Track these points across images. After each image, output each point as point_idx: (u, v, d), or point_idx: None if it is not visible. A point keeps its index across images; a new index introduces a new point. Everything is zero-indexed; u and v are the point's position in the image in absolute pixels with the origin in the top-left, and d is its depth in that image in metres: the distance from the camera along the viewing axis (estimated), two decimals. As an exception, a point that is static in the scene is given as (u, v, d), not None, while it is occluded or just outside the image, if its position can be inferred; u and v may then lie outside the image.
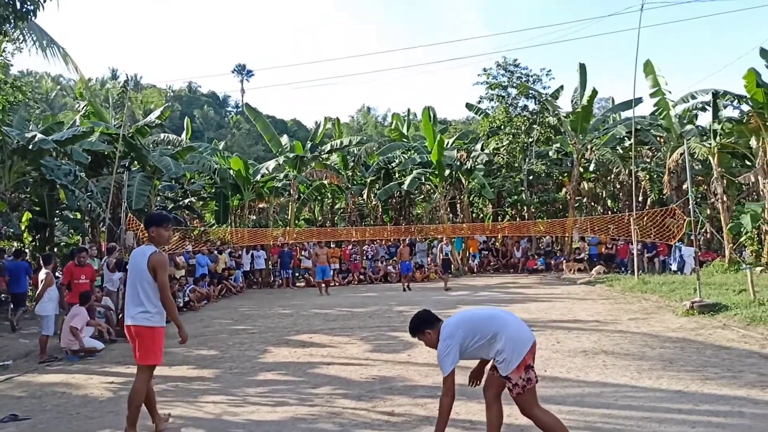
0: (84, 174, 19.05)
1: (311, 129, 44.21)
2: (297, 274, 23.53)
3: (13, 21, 9.41)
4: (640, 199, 23.67)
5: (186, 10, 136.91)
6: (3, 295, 14.19)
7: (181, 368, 8.20)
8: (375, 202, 28.45)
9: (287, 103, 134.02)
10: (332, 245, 24.55)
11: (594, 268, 20.24)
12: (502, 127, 26.25)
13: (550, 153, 27.52)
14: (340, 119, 35.95)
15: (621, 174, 24.81)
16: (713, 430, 4.87)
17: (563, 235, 25.08)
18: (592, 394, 6.01)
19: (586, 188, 27.78)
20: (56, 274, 11.20)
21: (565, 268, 21.83)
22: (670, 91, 20.75)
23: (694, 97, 21.41)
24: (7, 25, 9.70)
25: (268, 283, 23.03)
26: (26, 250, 18.29)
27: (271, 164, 25.19)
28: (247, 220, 26.52)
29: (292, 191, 25.97)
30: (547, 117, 25.71)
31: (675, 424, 5.00)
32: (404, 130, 33.13)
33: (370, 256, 24.71)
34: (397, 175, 27.80)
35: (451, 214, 27.78)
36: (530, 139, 25.88)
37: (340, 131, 32.62)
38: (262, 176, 25.27)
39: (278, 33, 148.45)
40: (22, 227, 19.49)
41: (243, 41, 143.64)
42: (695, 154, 19.58)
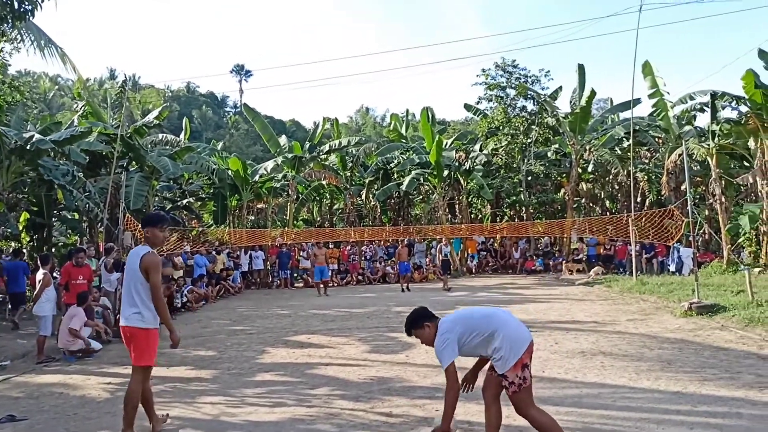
0: (82, 174, 19.01)
1: (310, 129, 44.20)
2: (295, 275, 23.50)
3: (10, 21, 9.40)
4: (639, 199, 23.68)
5: (184, 10, 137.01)
6: (1, 295, 14.17)
7: (179, 369, 8.19)
8: (373, 203, 28.45)
9: (286, 103, 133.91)
10: (331, 246, 24.55)
11: (592, 269, 20.26)
12: (501, 127, 26.24)
13: (549, 154, 27.55)
14: (339, 120, 35.95)
15: (619, 175, 24.82)
16: (711, 431, 4.87)
17: (562, 235, 25.09)
18: (590, 395, 6.01)
19: (585, 189, 27.79)
20: (54, 274, 11.18)
21: (565, 269, 21.85)
22: (669, 92, 20.83)
23: (692, 98, 21.44)
24: (5, 24, 9.70)
25: (267, 284, 23.03)
26: (24, 250, 18.27)
27: (269, 165, 25.19)
28: (246, 221, 26.51)
29: (290, 192, 25.97)
30: (546, 118, 25.72)
31: (673, 425, 5.00)
32: (403, 131, 33.15)
33: (368, 257, 24.71)
34: (395, 175, 27.81)
35: (449, 215, 27.79)
36: (529, 140, 25.88)
37: (338, 132, 32.61)
38: (261, 177, 25.27)
39: (277, 33, 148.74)
40: (19, 227, 19.46)
41: (241, 41, 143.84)
42: (694, 155, 19.60)
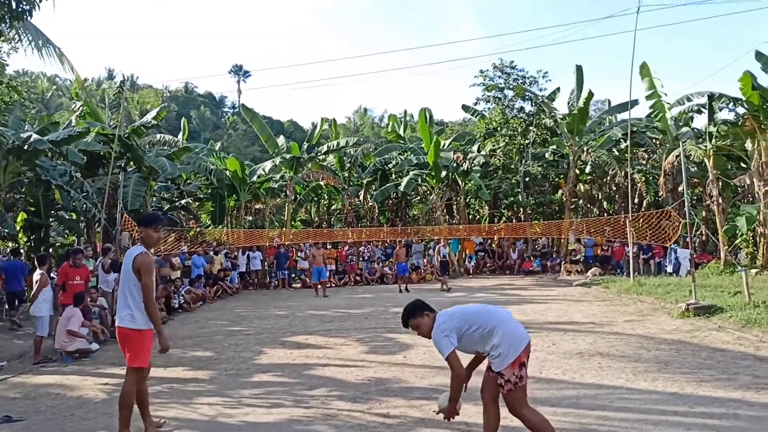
0: (79, 174, 18.98)
1: (308, 130, 44.16)
2: (293, 275, 23.51)
3: (8, 21, 9.39)
4: (636, 201, 23.70)
5: (183, 10, 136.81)
6: None
7: (176, 369, 8.17)
8: (371, 203, 28.43)
9: (284, 103, 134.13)
10: (328, 246, 24.55)
11: (590, 270, 20.29)
12: (499, 128, 26.26)
13: (547, 155, 27.58)
14: (337, 120, 36.00)
15: (617, 176, 24.85)
16: (708, 432, 4.88)
17: (559, 236, 25.11)
18: (588, 396, 6.01)
19: (582, 190, 27.83)
20: (51, 274, 11.15)
21: (563, 269, 21.87)
22: (666, 94, 20.78)
23: (689, 99, 21.47)
24: (3, 24, 9.68)
25: (264, 284, 23.01)
26: (21, 251, 18.20)
27: (267, 165, 25.15)
28: (244, 221, 26.49)
29: (288, 192, 25.95)
30: (544, 119, 25.73)
31: (670, 426, 5.00)
32: (401, 132, 33.17)
33: (366, 258, 24.71)
34: (393, 176, 27.80)
35: (447, 216, 27.80)
36: (526, 141, 25.90)
37: (336, 132, 32.61)
38: (259, 177, 25.24)
39: (275, 34, 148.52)
40: (17, 227, 19.41)
41: (240, 42, 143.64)
42: (691, 157, 19.64)
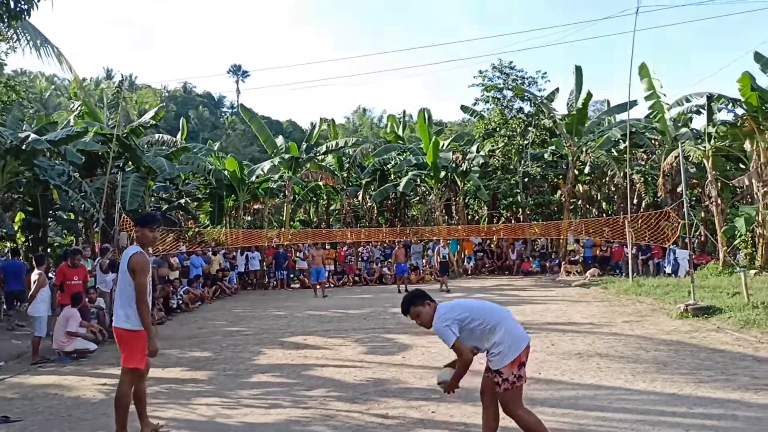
0: (78, 174, 18.94)
1: (306, 130, 44.13)
2: (292, 276, 23.50)
3: (6, 20, 9.36)
4: (635, 201, 23.71)
5: (182, 10, 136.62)
6: None
7: (174, 370, 8.16)
8: (370, 204, 28.41)
9: (283, 103, 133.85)
10: (327, 247, 24.54)
11: (588, 271, 20.29)
12: (498, 129, 26.27)
13: (546, 155, 27.58)
14: (336, 120, 35.95)
15: (616, 177, 24.84)
16: (707, 433, 4.87)
17: (558, 237, 25.12)
18: (587, 397, 6.01)
19: (581, 191, 27.83)
20: (49, 274, 11.13)
21: (563, 270, 21.87)
22: (665, 94, 20.75)
23: (688, 100, 21.46)
24: (1, 24, 9.65)
25: (263, 285, 23.00)
26: (20, 251, 18.18)
27: (266, 165, 25.14)
28: (242, 221, 26.47)
29: (287, 192, 25.93)
30: (543, 119, 25.73)
31: (669, 427, 5.00)
32: (400, 132, 33.16)
33: (365, 258, 24.70)
34: (392, 176, 27.78)
35: (446, 216, 27.79)
36: (525, 142, 25.90)
37: (335, 132, 32.56)
38: (257, 177, 25.22)
39: (274, 33, 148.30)
40: (14, 227, 19.39)
41: (239, 41, 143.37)
42: (690, 157, 19.63)
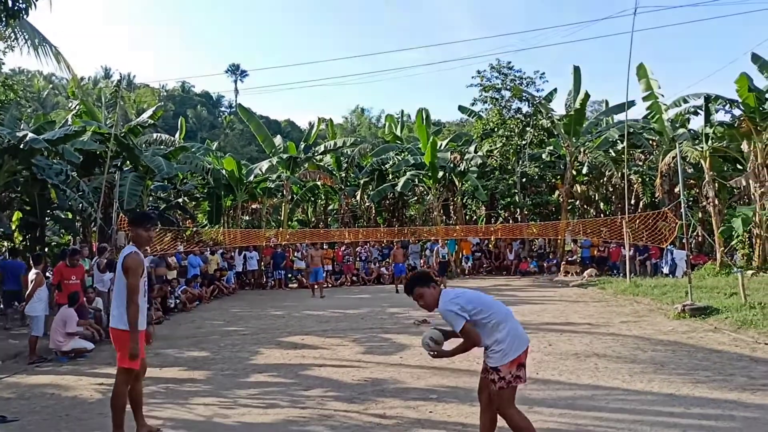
0: (75, 173, 18.91)
1: (305, 130, 44.17)
2: (289, 276, 23.49)
3: (4, 19, 9.34)
4: (633, 202, 23.76)
5: (181, 9, 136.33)
6: None
7: (172, 370, 8.15)
8: (368, 204, 28.43)
9: (281, 103, 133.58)
10: (325, 246, 24.53)
11: (586, 271, 20.31)
12: (496, 129, 26.30)
13: (543, 156, 27.62)
14: (334, 120, 35.94)
15: (613, 177, 24.90)
16: (704, 433, 4.88)
17: (556, 237, 25.15)
18: (584, 397, 6.01)
19: (579, 191, 27.86)
20: (46, 274, 11.11)
21: (562, 269, 21.89)
22: (663, 95, 20.79)
23: (686, 101, 21.47)
24: (-1, 23, 9.63)
25: (261, 285, 22.98)
26: (19, 250, 18.13)
27: (264, 165, 25.13)
28: (240, 221, 26.45)
29: (285, 192, 25.91)
30: (541, 120, 25.78)
31: (666, 428, 5.00)
32: (398, 132, 33.19)
33: (363, 258, 24.70)
34: (390, 176, 27.79)
35: (444, 216, 27.80)
36: (523, 142, 25.94)
37: (333, 132, 32.58)
38: (255, 177, 25.21)
39: (273, 33, 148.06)
40: (12, 227, 19.35)
41: (237, 41, 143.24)
42: (687, 158, 19.66)
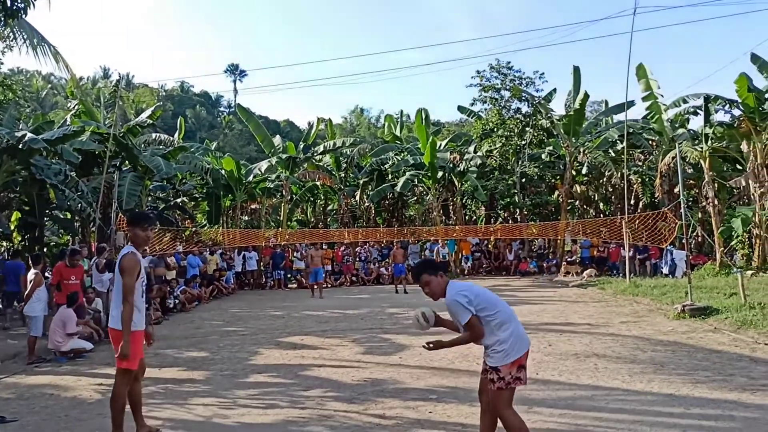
0: (74, 173, 18.90)
1: (304, 130, 44.18)
2: (289, 276, 23.48)
3: (3, 19, 9.33)
4: (632, 202, 23.76)
5: (180, 9, 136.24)
6: None
7: (171, 370, 8.14)
8: (367, 204, 28.42)
9: (280, 103, 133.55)
10: (324, 247, 24.52)
11: (585, 271, 20.31)
12: (495, 129, 26.30)
13: (543, 156, 27.62)
14: (333, 120, 35.91)
15: (613, 177, 24.90)
16: (704, 433, 4.88)
17: (555, 237, 25.15)
18: (584, 397, 6.01)
19: (579, 191, 27.85)
20: (45, 274, 11.09)
21: (563, 270, 21.87)
22: (663, 95, 20.80)
23: (686, 101, 21.47)
24: (-2, 23, 9.62)
25: (260, 285, 22.97)
26: (20, 251, 18.11)
27: (263, 165, 25.10)
28: (239, 221, 26.43)
29: (284, 192, 25.90)
30: (540, 120, 25.78)
31: (666, 428, 5.00)
32: (397, 132, 33.17)
33: (362, 258, 24.69)
34: (389, 176, 27.77)
35: (443, 216, 27.80)
36: (523, 142, 25.94)
37: (332, 132, 32.57)
38: (255, 177, 25.19)
39: (272, 33, 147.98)
40: (11, 227, 19.33)
41: (236, 41, 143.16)
42: (687, 158, 19.67)
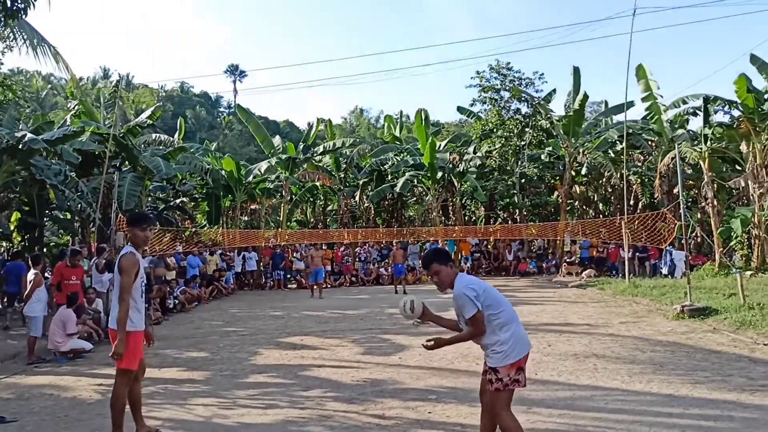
0: (74, 174, 18.89)
1: (304, 130, 44.21)
2: (289, 276, 23.48)
3: (3, 19, 9.34)
4: (632, 202, 23.78)
5: (179, 9, 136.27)
6: None
7: (170, 370, 8.15)
8: (367, 204, 28.44)
9: (280, 104, 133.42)
10: (324, 247, 24.54)
11: (584, 272, 20.32)
12: (495, 130, 26.32)
13: (543, 156, 27.64)
14: (333, 121, 35.91)
15: (612, 178, 24.92)
16: (703, 433, 4.88)
17: (555, 238, 25.16)
18: (583, 398, 6.02)
19: (578, 192, 27.88)
20: (45, 274, 11.09)
21: (564, 270, 21.88)
22: (662, 96, 20.82)
23: (685, 101, 21.50)
24: (-2, 23, 9.63)
25: (260, 285, 22.98)
26: (22, 252, 18.12)
27: (263, 165, 25.11)
28: (239, 222, 26.44)
29: (284, 193, 25.91)
30: (540, 120, 25.80)
31: (665, 428, 5.01)
32: (397, 133, 33.19)
33: (362, 258, 24.70)
34: (389, 177, 27.79)
35: (443, 217, 27.82)
36: (522, 143, 25.96)
37: (332, 133, 32.59)
38: (254, 177, 25.20)
39: (271, 33, 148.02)
40: (11, 227, 19.33)
41: (236, 41, 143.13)
42: (686, 159, 19.69)
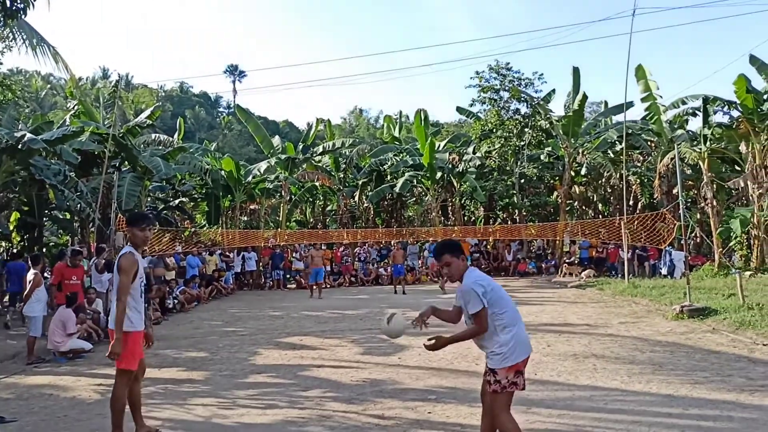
0: (74, 174, 18.88)
1: (303, 130, 44.20)
2: (288, 276, 23.49)
3: (2, 19, 9.33)
4: (631, 203, 23.80)
5: (179, 9, 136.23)
6: None
7: (170, 370, 8.15)
8: (366, 204, 28.45)
9: (279, 104, 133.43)
10: (323, 247, 24.53)
11: (584, 272, 20.33)
12: (494, 130, 26.33)
13: (542, 156, 27.65)
14: (332, 121, 35.91)
15: (612, 178, 24.95)
16: (702, 434, 4.89)
17: (554, 238, 25.17)
18: (582, 398, 6.02)
19: (578, 192, 27.90)
20: (44, 274, 11.09)
21: (564, 270, 21.88)
22: (662, 96, 20.85)
23: (684, 102, 21.49)
24: (-3, 23, 9.62)
25: (259, 285, 22.98)
26: (22, 252, 18.11)
27: (262, 165, 25.12)
28: (239, 222, 26.44)
29: (283, 193, 25.91)
30: (539, 120, 25.81)
31: (665, 428, 5.01)
32: (396, 133, 33.19)
33: (361, 258, 24.71)
34: (388, 177, 27.82)
35: (442, 217, 27.83)
36: (522, 143, 25.98)
37: (332, 133, 32.61)
38: (254, 177, 25.21)
39: (271, 33, 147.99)
40: (10, 227, 19.32)
41: (235, 41, 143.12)
42: (686, 159, 19.72)
